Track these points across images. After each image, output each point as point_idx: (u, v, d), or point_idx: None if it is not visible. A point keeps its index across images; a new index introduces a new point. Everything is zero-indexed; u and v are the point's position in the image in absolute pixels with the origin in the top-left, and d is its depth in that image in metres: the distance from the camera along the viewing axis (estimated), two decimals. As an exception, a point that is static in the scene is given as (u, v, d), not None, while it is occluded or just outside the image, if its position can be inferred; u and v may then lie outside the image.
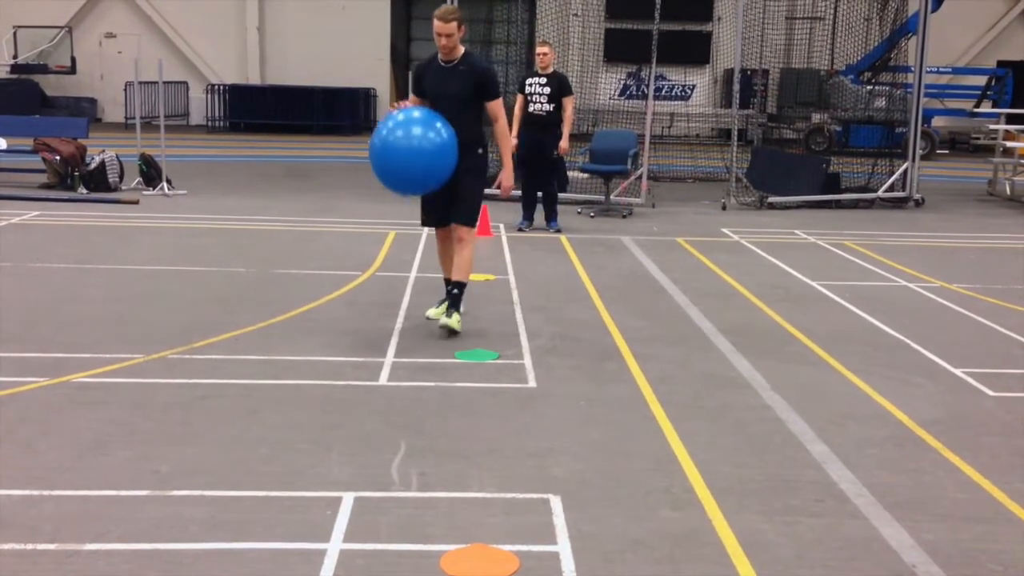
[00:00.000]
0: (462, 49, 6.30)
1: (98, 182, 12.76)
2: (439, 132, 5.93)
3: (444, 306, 6.48)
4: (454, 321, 6.29)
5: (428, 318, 6.56)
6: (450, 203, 6.29)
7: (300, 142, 22.17)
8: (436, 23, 6.14)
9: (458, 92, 6.21)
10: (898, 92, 15.86)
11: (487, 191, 6.99)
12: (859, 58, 17.52)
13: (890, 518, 3.90)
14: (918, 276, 8.79)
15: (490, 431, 4.75)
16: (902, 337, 6.67)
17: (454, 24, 6.13)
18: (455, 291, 6.41)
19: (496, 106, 6.40)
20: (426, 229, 10.48)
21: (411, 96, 6.52)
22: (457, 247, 6.39)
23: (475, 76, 6.26)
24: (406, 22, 31.25)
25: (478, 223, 6.55)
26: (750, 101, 20.69)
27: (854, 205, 13.71)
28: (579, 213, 12.16)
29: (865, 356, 6.20)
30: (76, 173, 12.76)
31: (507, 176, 6.57)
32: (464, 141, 6.10)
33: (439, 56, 6.31)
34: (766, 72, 20.41)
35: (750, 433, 4.82)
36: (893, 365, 6.04)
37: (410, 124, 5.95)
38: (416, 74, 6.53)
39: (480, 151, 6.43)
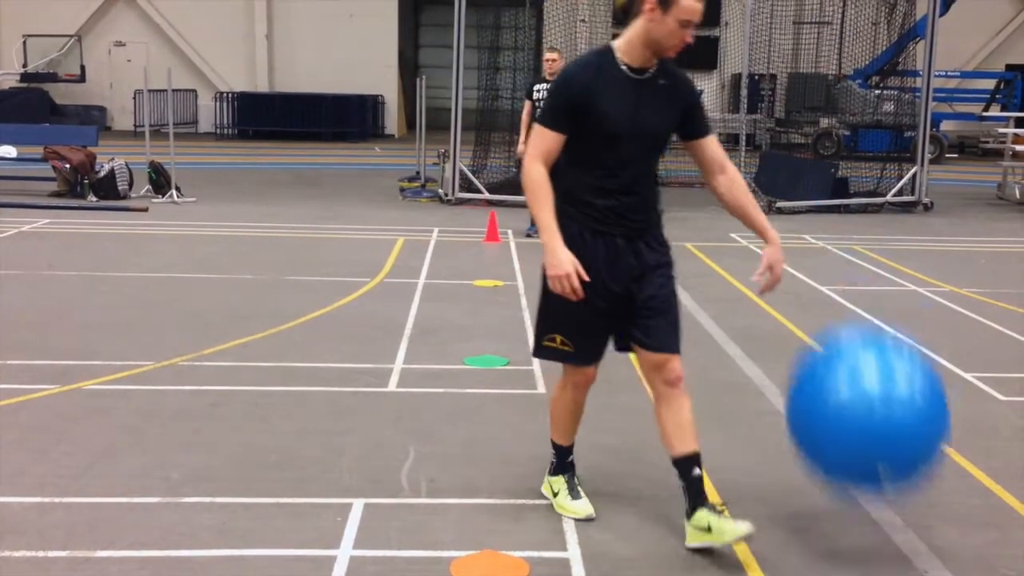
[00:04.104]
0: None
1: (108, 190, 12.80)
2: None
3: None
4: (742, 524, 3.52)
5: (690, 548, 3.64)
6: (640, 319, 3.66)
7: (309, 149, 22.21)
8: (687, 3, 3.41)
9: (662, 127, 3.62)
10: (906, 96, 15.85)
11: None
12: (867, 62, 17.51)
13: (902, 524, 3.89)
14: (927, 280, 8.77)
15: (499, 437, 4.74)
16: (912, 342, 6.64)
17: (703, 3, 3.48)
18: (698, 471, 3.69)
19: (720, 148, 3.69)
20: (434, 236, 10.62)
21: (541, 133, 3.54)
22: (675, 394, 3.73)
23: (684, 97, 3.64)
24: (414, 29, 31.31)
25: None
26: (758, 106, 20.71)
27: (863, 209, 13.69)
28: (587, 219, 12.14)
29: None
30: (86, 181, 12.82)
31: (776, 265, 3.63)
32: (653, 211, 3.72)
33: (618, 60, 3.53)
34: (774, 77, 20.42)
35: (761, 439, 4.81)
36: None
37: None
38: (577, 87, 3.51)
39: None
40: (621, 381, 5.69)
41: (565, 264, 3.42)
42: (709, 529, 3.53)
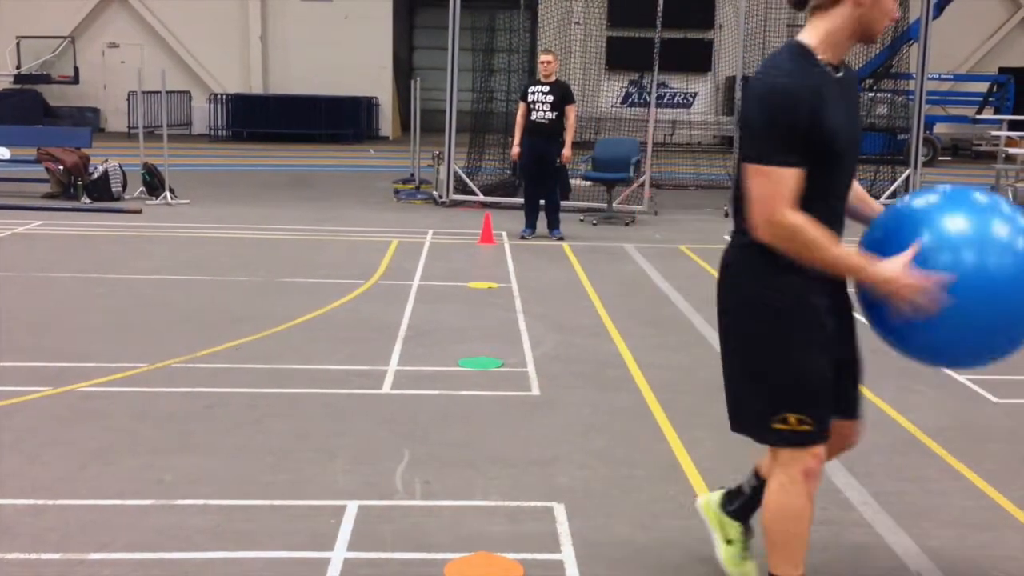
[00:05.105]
0: None
1: (101, 192, 12.78)
2: None
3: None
4: (752, 568, 3.33)
5: None
6: (852, 372, 3.21)
7: (303, 151, 22.19)
8: None
9: (860, 132, 3.06)
10: (900, 99, 15.87)
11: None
12: (860, 65, 17.52)
13: (895, 525, 3.90)
14: (921, 283, 8.77)
15: (494, 439, 4.74)
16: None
17: None
18: None
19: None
20: (429, 238, 10.62)
21: (775, 177, 2.76)
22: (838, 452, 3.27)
23: (856, 89, 3.07)
24: (408, 31, 31.33)
25: None
26: (752, 108, 20.63)
27: (857, 212, 13.69)
28: (581, 221, 12.17)
29: (869, 363, 6.16)
30: (79, 183, 12.79)
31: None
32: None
33: (820, 60, 2.83)
34: (768, 79, 20.39)
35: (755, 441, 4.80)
36: (897, 372, 6.01)
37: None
38: (803, 104, 2.71)
39: None
40: (612, 381, 5.70)
41: (904, 273, 2.84)
42: (729, 543, 3.35)
